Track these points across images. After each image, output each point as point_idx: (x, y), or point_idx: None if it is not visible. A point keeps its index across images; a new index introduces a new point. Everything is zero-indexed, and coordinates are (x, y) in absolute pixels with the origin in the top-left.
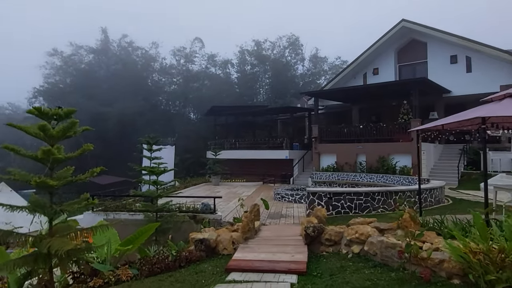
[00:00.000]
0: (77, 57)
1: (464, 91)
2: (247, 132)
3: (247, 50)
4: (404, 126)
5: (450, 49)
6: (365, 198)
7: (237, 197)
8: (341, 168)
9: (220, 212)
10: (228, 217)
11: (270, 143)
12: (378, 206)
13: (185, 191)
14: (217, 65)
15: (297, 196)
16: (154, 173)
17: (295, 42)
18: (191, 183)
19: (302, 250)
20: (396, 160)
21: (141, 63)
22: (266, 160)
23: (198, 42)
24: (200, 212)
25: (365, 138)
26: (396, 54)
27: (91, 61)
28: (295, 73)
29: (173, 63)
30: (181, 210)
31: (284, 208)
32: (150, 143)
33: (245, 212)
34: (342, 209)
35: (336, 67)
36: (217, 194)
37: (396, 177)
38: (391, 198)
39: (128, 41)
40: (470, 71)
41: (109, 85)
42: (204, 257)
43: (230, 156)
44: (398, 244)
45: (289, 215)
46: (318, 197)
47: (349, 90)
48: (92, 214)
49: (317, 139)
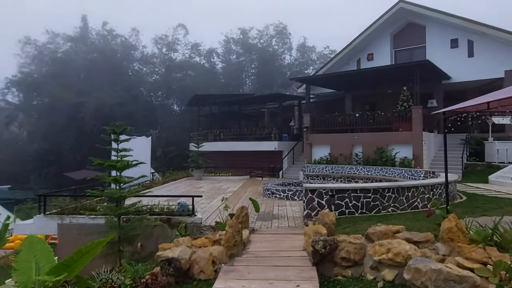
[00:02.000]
0: (54, 46)
1: (465, 77)
2: (232, 123)
3: (232, 38)
4: (404, 114)
5: (450, 33)
6: (373, 196)
7: (221, 194)
8: (335, 160)
9: (201, 213)
10: (210, 219)
11: (257, 133)
12: (388, 205)
13: (163, 187)
14: (202, 54)
15: (290, 193)
16: (114, 168)
17: (282, 31)
18: (171, 177)
19: (310, 276)
20: (396, 151)
21: (120, 51)
22: (253, 152)
23: (182, 29)
24: (176, 215)
25: (361, 127)
26: (392, 39)
27: (68, 50)
28: (282, 63)
29: (155, 52)
30: (152, 212)
31: (276, 207)
32: (116, 133)
33: (230, 216)
34: (346, 208)
35: (325, 56)
36: (199, 190)
37: (396, 170)
38: (403, 194)
39: (108, 29)
40: (472, 56)
41: (87, 74)
42: (173, 284)
43: (214, 148)
44: (470, 279)
45: (282, 216)
46: (318, 195)
47: (343, 75)
48: (44, 218)
49: (309, 129)
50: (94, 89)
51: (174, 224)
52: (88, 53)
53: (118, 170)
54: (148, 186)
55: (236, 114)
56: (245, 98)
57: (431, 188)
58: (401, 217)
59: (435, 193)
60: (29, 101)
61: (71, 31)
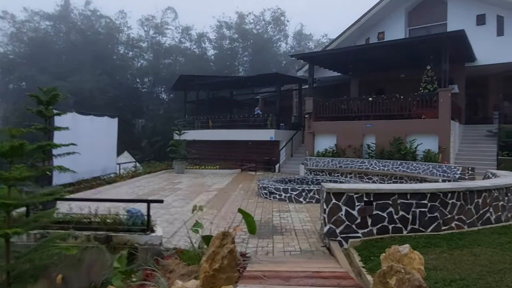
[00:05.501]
0: (32, 25)
1: (492, 59)
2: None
3: (225, 22)
4: (428, 98)
5: (476, 7)
6: (430, 203)
7: (203, 192)
8: (343, 152)
9: (168, 224)
10: (179, 235)
11: (251, 121)
12: (452, 218)
13: (131, 182)
14: (193, 39)
15: (294, 193)
16: None
17: (279, 17)
18: (146, 170)
19: None
20: (418, 142)
21: (104, 33)
22: (245, 142)
23: (171, 12)
24: (121, 230)
25: (374, 114)
26: (406, 16)
27: (48, 30)
28: (278, 51)
29: (141, 35)
30: (82, 227)
31: (277, 214)
32: (43, 103)
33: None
34: (390, 223)
35: (322, 45)
36: (176, 186)
37: (421, 165)
38: (471, 202)
39: (92, 9)
40: (501, 34)
41: (68, 57)
42: None
43: (201, 137)
44: None
45: (288, 229)
46: (346, 202)
47: (352, 52)
48: None
49: (312, 116)
50: (73, 73)
51: (117, 245)
52: (70, 34)
53: (4, 157)
54: (110, 181)
55: (228, 101)
56: (237, 80)
57: (505, 192)
58: (484, 239)
59: (510, 199)
60: (5, 85)
61: (52, 9)
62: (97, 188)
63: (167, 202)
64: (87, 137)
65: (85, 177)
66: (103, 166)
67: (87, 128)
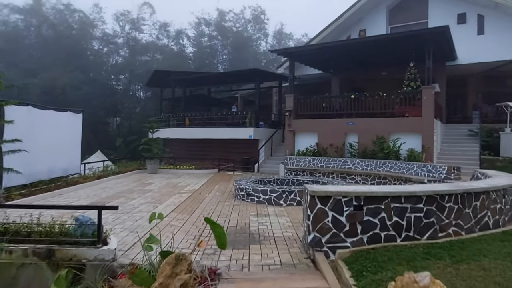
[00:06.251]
0: (1, 18)
1: (473, 58)
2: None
3: (204, 19)
4: (412, 95)
5: (457, 6)
6: (426, 207)
7: (175, 194)
8: (324, 151)
9: (128, 232)
10: (139, 246)
11: (229, 119)
12: (449, 223)
13: (96, 183)
14: (171, 36)
15: (274, 194)
16: None
17: (259, 16)
18: (114, 170)
19: None
20: (401, 141)
21: (78, 28)
22: (223, 140)
23: (148, 7)
24: (67, 243)
25: (357, 112)
26: (387, 13)
27: (18, 23)
28: (257, 50)
29: (117, 30)
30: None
31: (254, 218)
32: None
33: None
34: (382, 230)
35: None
36: (146, 187)
37: (406, 164)
38: (469, 205)
39: (65, 3)
40: (482, 33)
41: (39, 52)
42: None
43: (177, 135)
44: None
45: (266, 236)
46: (334, 206)
47: (334, 47)
48: None
49: (292, 113)
50: (45, 69)
51: (60, 261)
52: (41, 29)
53: None
54: (71, 182)
55: (205, 99)
56: (215, 76)
57: (503, 193)
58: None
59: (507, 201)
60: None
61: (23, 2)
62: (55, 191)
63: (133, 206)
64: (46, 134)
65: (42, 178)
66: (65, 166)
67: (46, 124)
